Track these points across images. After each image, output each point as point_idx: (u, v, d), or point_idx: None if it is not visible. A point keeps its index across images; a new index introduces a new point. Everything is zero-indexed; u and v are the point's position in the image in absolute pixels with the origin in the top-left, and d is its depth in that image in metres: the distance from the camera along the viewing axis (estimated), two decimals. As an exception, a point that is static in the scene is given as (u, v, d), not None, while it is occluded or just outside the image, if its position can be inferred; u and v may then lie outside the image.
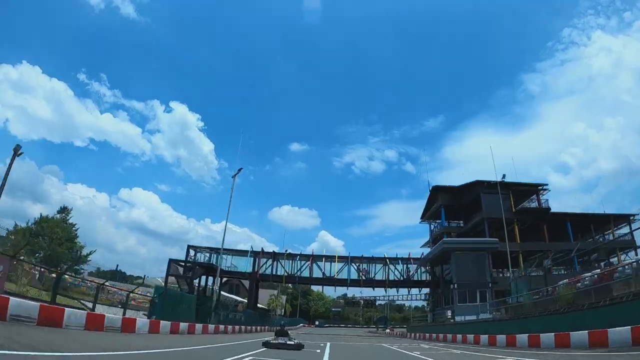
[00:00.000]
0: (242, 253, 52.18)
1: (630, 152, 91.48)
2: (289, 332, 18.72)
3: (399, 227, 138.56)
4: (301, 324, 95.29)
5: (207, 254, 47.82)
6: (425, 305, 75.43)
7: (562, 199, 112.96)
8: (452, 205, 56.30)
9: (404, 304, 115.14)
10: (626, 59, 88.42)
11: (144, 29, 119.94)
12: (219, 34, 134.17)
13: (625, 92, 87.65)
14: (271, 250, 52.15)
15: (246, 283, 53.54)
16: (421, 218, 65.68)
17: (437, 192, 57.92)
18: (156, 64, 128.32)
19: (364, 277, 48.45)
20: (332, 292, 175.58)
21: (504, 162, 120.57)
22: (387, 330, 68.52)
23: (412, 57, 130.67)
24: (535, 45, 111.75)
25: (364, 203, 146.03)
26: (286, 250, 52.86)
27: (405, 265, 51.63)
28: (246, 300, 78.86)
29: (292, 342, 15.10)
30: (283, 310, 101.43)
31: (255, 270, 51.08)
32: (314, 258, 52.74)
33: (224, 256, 44.78)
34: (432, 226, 64.07)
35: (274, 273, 52.52)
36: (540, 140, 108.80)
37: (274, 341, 15.29)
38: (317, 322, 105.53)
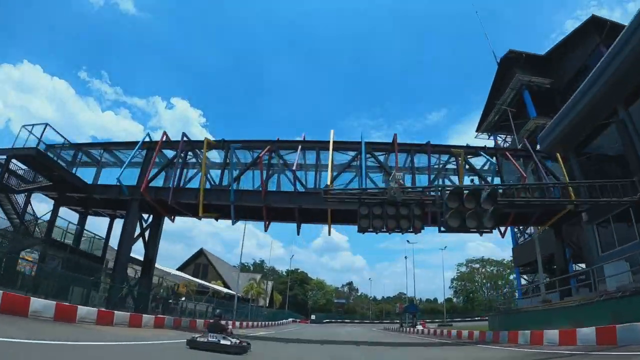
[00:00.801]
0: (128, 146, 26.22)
1: None
2: (229, 327, 13.26)
3: None
4: (290, 319, 70.93)
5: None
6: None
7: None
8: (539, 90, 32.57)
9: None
10: None
11: (144, 25, 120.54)
12: (219, 28, 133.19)
13: None
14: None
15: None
16: (478, 129, 41.62)
17: (512, 67, 35.37)
18: (156, 60, 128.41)
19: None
20: (334, 278, 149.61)
21: None
22: (419, 327, 43.76)
23: (415, 50, 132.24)
24: (539, 36, 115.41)
25: None
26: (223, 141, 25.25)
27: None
28: (217, 286, 55.26)
29: (230, 342, 10.64)
30: (268, 301, 77.09)
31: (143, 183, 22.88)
32: (279, 145, 25.15)
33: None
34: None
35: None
36: None
37: (202, 339, 10.76)
38: (313, 317, 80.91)
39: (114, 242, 23.45)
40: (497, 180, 21.29)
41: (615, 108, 16.58)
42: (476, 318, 72.35)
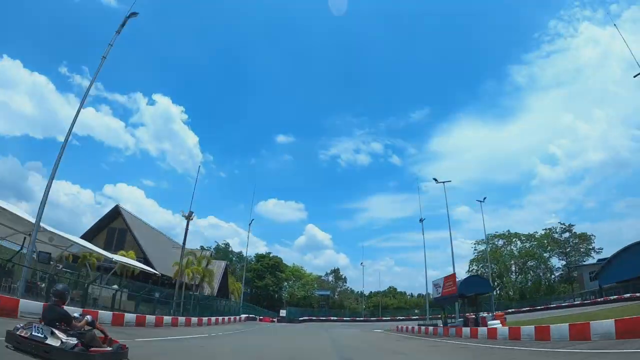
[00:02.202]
0: None
1: (618, 143, 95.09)
2: (81, 316, 6.92)
3: (387, 219, 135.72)
4: (243, 316, 45.49)
5: None
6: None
7: (548, 191, 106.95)
8: None
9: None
10: (614, 50, 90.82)
11: (124, 18, 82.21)
12: (202, 22, 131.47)
13: (613, 83, 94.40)
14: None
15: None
16: None
17: None
18: (138, 54, 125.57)
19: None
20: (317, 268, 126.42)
21: (492, 154, 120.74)
22: (496, 323, 18.04)
23: (398, 48, 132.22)
24: (522, 36, 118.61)
25: (351, 196, 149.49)
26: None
27: None
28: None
29: (62, 342, 6.01)
30: (217, 288, 51.28)
31: None
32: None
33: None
34: None
35: None
36: (528, 131, 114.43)
37: (24, 332, 6.16)
38: (282, 313, 55.00)
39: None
40: None
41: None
42: (538, 307, 53.20)
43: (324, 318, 67.05)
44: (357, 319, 69.86)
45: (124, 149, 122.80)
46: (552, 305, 54.02)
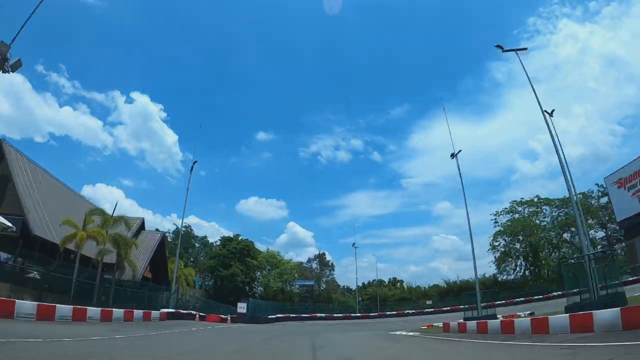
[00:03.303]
0: None
1: (598, 138, 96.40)
2: None
3: (368, 216, 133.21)
4: (163, 311, 27.07)
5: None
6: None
7: (528, 186, 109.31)
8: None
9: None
10: (592, 46, 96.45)
11: (102, 14, 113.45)
12: (181, 18, 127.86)
13: (591, 79, 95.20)
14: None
15: None
16: None
17: None
18: (115, 51, 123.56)
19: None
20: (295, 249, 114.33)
21: (472, 150, 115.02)
22: None
23: (377, 45, 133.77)
24: (501, 33, 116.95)
25: (332, 193, 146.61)
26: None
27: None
28: None
29: None
30: (142, 272, 33.26)
31: None
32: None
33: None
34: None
35: None
36: (508, 127, 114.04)
37: None
38: (241, 308, 36.42)
39: None
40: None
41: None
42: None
43: (306, 315, 49.63)
44: (352, 315, 52.62)
45: (102, 148, 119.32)
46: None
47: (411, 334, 20.70)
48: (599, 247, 60.39)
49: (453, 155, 35.63)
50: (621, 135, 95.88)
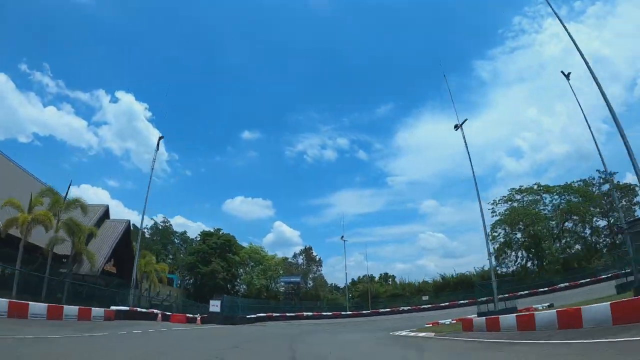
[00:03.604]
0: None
1: (582, 136, 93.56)
2: None
3: (354, 215, 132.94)
4: (117, 308, 21.83)
5: None
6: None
7: (513, 183, 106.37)
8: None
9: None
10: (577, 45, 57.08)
11: (86, 12, 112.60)
12: (165, 17, 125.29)
13: (576, 78, 51.96)
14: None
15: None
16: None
17: None
18: (100, 50, 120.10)
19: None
20: (282, 248, 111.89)
21: (458, 148, 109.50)
22: None
23: (362, 44, 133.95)
24: (486, 32, 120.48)
25: (318, 192, 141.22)
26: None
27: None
28: None
29: None
30: (103, 263, 28.23)
31: None
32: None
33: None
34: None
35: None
36: (493, 125, 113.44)
37: None
38: (214, 306, 31.31)
39: None
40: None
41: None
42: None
43: (292, 314, 44.92)
44: (343, 313, 48.14)
45: (87, 148, 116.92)
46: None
47: (422, 334, 16.24)
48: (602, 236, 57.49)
49: (457, 127, 31.67)
50: (605, 133, 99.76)
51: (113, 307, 23.41)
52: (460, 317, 29.24)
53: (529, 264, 52.32)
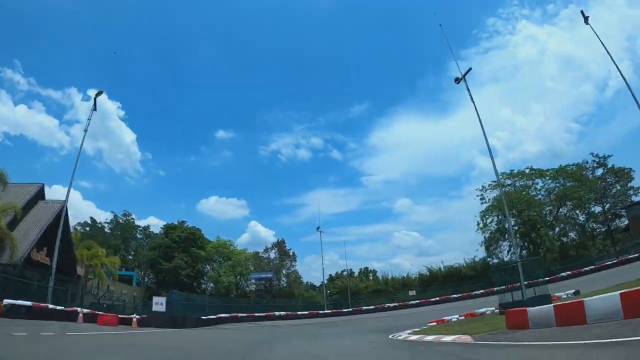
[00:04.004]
0: None
1: (555, 135, 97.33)
2: None
3: (329, 214, 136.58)
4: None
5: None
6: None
7: (486, 181, 75.28)
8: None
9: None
10: (550, 47, 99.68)
11: (58, 8, 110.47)
12: (137, 13, 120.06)
13: (549, 79, 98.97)
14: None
15: None
16: None
17: None
18: (72, 47, 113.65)
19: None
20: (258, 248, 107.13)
21: (432, 147, 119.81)
22: None
23: (338, 43, 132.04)
24: (461, 33, 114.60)
25: (293, 191, 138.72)
26: None
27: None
28: None
29: None
30: (24, 252, 21.24)
31: None
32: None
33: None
34: None
35: None
36: (467, 125, 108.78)
37: None
38: (157, 304, 24.99)
39: None
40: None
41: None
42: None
43: (262, 314, 38.84)
44: (320, 312, 42.38)
45: (58, 148, 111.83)
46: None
47: (449, 338, 10.66)
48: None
49: (458, 80, 26.86)
50: (577, 133, 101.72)
51: (7, 301, 17.05)
52: (469, 312, 24.01)
53: (524, 252, 47.84)
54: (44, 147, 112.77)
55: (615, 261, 39.09)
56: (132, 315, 24.59)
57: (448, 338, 10.83)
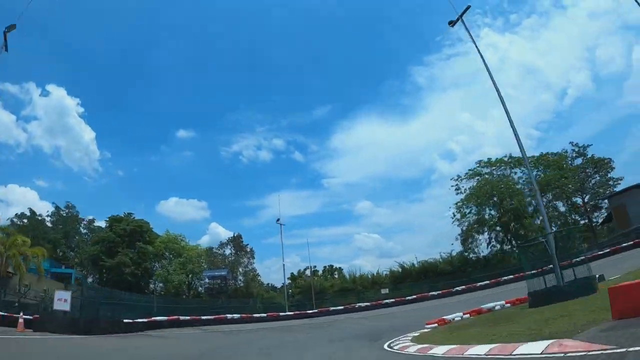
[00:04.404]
0: None
1: (514, 141, 53.76)
2: None
3: (290, 216, 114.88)
4: None
5: None
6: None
7: (446, 185, 75.13)
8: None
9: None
10: (511, 55, 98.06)
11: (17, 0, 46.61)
12: (100, 9, 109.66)
13: (510, 86, 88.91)
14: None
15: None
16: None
17: None
18: (31, 40, 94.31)
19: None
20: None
21: (393, 151, 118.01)
22: None
23: (300, 46, 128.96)
24: (424, 39, 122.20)
25: (254, 193, 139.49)
26: None
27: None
28: None
29: None
30: None
31: None
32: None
33: None
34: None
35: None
36: (428, 129, 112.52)
37: None
38: (64, 303, 19.04)
39: None
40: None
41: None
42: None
43: (210, 317, 32.67)
44: (282, 315, 36.71)
45: (15, 145, 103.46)
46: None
47: (522, 352, 5.26)
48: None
49: (452, 23, 22.28)
50: (536, 139, 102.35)
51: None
52: (474, 309, 19.14)
53: (504, 245, 44.18)
54: (0, 145, 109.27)
55: (607, 251, 36.10)
56: (19, 315, 18.11)
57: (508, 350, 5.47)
